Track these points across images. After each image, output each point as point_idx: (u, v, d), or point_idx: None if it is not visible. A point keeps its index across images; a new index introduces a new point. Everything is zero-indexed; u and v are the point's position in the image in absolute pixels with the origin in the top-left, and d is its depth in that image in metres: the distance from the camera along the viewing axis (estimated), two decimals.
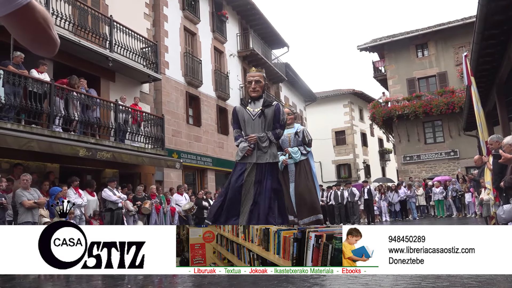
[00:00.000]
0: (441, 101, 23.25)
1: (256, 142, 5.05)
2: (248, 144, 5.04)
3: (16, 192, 7.59)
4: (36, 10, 1.10)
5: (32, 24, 1.11)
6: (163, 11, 15.92)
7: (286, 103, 26.01)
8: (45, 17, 1.14)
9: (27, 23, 1.10)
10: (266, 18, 23.09)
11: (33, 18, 1.10)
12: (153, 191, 11.75)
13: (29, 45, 1.18)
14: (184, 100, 16.61)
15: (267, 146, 5.08)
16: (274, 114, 5.18)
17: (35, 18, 1.11)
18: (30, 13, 1.09)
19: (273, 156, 5.11)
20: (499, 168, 6.72)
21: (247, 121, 5.19)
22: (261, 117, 5.15)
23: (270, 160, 5.07)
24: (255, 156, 5.04)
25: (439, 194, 17.37)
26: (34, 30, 1.12)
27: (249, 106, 5.27)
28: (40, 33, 1.14)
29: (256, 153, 5.04)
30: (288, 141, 6.67)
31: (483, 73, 10.12)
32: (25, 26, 1.11)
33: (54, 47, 1.21)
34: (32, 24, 1.11)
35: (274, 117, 5.18)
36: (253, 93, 5.21)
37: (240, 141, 5.18)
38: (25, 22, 1.10)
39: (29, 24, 1.11)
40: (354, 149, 34.48)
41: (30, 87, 8.96)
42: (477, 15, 7.58)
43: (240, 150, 5.08)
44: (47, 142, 8.85)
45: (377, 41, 26.69)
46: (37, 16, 1.11)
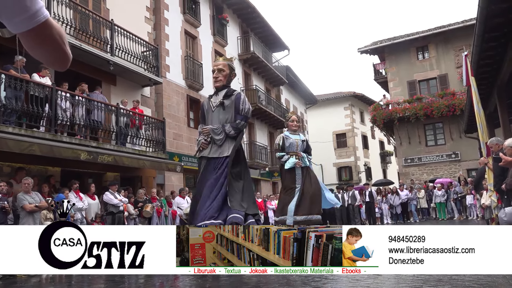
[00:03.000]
0: (442, 103, 23.24)
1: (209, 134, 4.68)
2: (202, 137, 4.70)
3: (18, 196, 7.59)
4: (53, 27, 1.15)
5: (49, 40, 1.16)
6: (164, 15, 15.97)
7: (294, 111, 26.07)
8: (60, 34, 1.19)
9: (44, 39, 1.15)
10: (266, 21, 23.14)
11: (50, 34, 1.15)
12: (154, 195, 11.75)
13: (44, 59, 1.23)
14: (185, 103, 16.63)
15: (222, 139, 4.64)
16: (234, 104, 4.76)
17: (52, 35, 1.15)
18: (47, 29, 1.14)
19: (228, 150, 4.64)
20: (500, 170, 6.71)
21: (209, 113, 4.84)
22: (220, 108, 4.77)
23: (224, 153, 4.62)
24: (209, 149, 4.68)
25: (441, 197, 17.33)
26: (50, 45, 1.17)
27: (213, 97, 4.92)
28: (56, 48, 1.19)
29: (211, 146, 4.68)
30: (296, 146, 6.79)
31: (484, 75, 10.13)
32: (42, 42, 1.15)
33: (67, 61, 1.27)
34: (49, 40, 1.16)
35: (234, 107, 4.75)
36: (216, 83, 4.86)
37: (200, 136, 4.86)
38: (42, 38, 1.14)
39: (46, 40, 1.15)
40: (355, 152, 34.46)
41: (31, 91, 8.98)
42: (478, 17, 7.59)
43: (197, 144, 4.79)
44: (48, 146, 8.86)
45: (377, 44, 26.72)
46: (53, 32, 1.16)
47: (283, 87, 27.79)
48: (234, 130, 4.71)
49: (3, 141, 7.90)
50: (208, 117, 4.85)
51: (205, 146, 4.67)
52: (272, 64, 24.53)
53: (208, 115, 4.86)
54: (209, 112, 4.84)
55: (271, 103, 24.11)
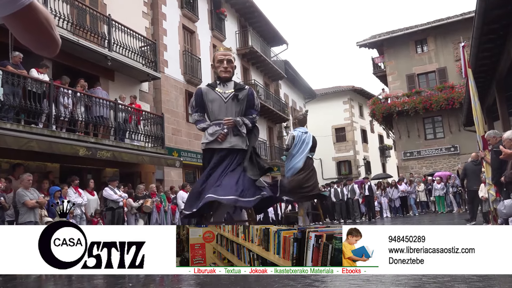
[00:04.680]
0: (441, 96, 23.23)
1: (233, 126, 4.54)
2: (221, 128, 4.53)
3: (18, 192, 7.58)
4: (38, 10, 1.10)
5: (34, 24, 1.11)
6: (161, 10, 15.89)
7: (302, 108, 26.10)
8: (47, 17, 1.14)
9: (29, 23, 1.10)
10: (264, 16, 23.05)
11: (35, 18, 1.10)
12: (154, 190, 11.75)
13: (31, 45, 1.18)
14: (183, 98, 16.59)
15: (243, 132, 4.57)
16: (248, 99, 4.72)
17: (37, 18, 1.10)
18: (32, 13, 1.09)
19: (246, 143, 4.60)
20: (498, 163, 6.72)
21: (218, 104, 4.63)
22: (234, 101, 4.64)
23: (244, 146, 4.56)
24: (229, 141, 4.52)
25: (440, 190, 17.36)
26: (36, 30, 1.12)
27: (218, 87, 4.73)
28: (42, 33, 1.14)
29: (230, 138, 4.53)
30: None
31: (483, 68, 10.10)
32: (28, 26, 1.11)
33: (56, 47, 1.21)
34: (34, 24, 1.11)
35: (248, 102, 4.72)
36: (225, 74, 4.68)
37: (207, 125, 4.63)
38: (27, 22, 1.10)
39: (32, 24, 1.11)
40: (354, 146, 34.48)
41: (29, 87, 8.95)
42: (476, 10, 7.56)
43: (210, 134, 4.54)
44: (46, 142, 8.84)
45: (376, 37, 26.65)
46: (39, 16, 1.11)
47: (282, 82, 27.74)
48: (251, 124, 4.71)
49: (1, 137, 7.88)
50: (214, 107, 4.64)
51: (223, 138, 4.51)
52: (270, 59, 24.47)
53: (213, 104, 4.64)
54: (216, 102, 4.64)
55: (270, 98, 24.08)
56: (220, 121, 4.57)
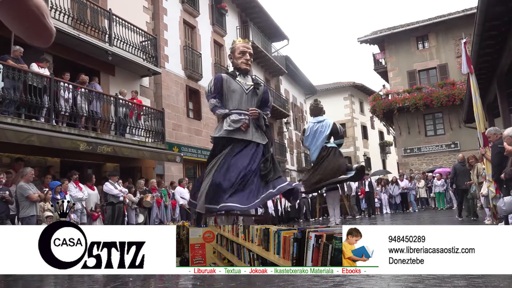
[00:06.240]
0: (442, 93, 23.20)
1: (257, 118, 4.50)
2: (245, 118, 4.47)
3: (20, 186, 7.58)
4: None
5: (24, 12, 1.07)
6: (162, 4, 15.83)
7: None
8: (38, 5, 1.09)
9: (19, 11, 1.07)
10: (265, 11, 22.96)
11: (25, 6, 1.07)
12: (154, 185, 11.76)
13: (23, 34, 1.14)
14: (184, 93, 16.56)
15: (262, 125, 4.57)
16: (264, 96, 4.80)
17: (27, 6, 1.07)
18: (21, 0, 1.06)
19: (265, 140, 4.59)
20: (499, 160, 6.74)
21: (239, 94, 4.62)
22: (253, 94, 4.68)
23: (263, 142, 4.54)
24: (251, 133, 4.46)
25: (440, 187, 17.36)
26: (27, 18, 1.09)
27: (239, 77, 4.75)
28: (33, 21, 1.10)
29: (251, 130, 4.48)
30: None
31: (484, 64, 10.09)
32: (17, 14, 1.07)
33: (49, 36, 1.16)
34: (25, 12, 1.07)
35: (264, 99, 4.81)
36: (246, 66, 4.77)
37: (227, 112, 4.51)
38: (17, 10, 1.06)
39: (22, 12, 1.07)
40: (354, 142, 34.47)
41: (29, 81, 8.93)
42: (478, 6, 7.54)
43: (233, 121, 4.43)
44: (47, 136, 8.84)
45: (377, 33, 26.57)
46: (29, 3, 1.07)
47: (283, 77, 27.68)
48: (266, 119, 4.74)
49: (2, 131, 7.88)
50: (235, 96, 4.59)
51: (245, 128, 4.43)
52: (271, 54, 24.40)
53: (234, 94, 4.59)
54: (237, 92, 4.60)
55: (270, 93, 23.96)
56: (241, 110, 4.54)
